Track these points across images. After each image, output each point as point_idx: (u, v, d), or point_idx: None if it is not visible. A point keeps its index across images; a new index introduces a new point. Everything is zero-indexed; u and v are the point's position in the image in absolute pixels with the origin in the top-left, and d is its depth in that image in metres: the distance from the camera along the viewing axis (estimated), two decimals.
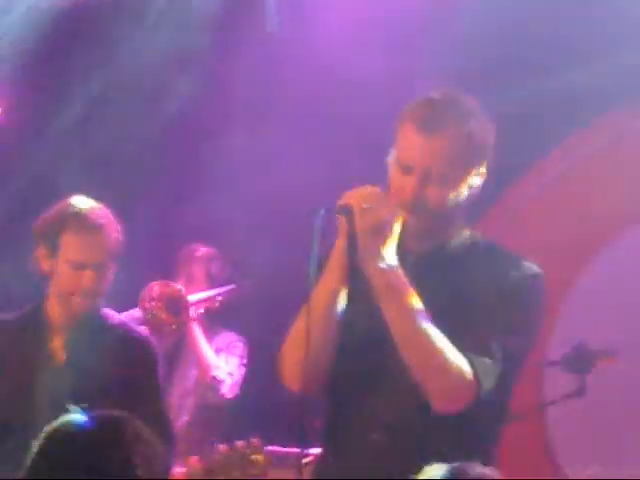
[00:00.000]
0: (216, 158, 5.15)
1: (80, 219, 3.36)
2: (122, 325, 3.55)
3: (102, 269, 3.37)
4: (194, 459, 3.14)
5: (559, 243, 4.84)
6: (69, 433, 1.98)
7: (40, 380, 3.42)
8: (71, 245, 3.35)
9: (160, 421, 3.38)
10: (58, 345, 3.46)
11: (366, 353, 2.80)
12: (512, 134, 3.15)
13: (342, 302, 2.73)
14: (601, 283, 4.97)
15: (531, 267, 2.82)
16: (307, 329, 2.64)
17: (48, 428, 2.02)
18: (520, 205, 5.19)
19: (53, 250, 3.36)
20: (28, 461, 2.01)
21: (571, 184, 5.18)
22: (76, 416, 2.01)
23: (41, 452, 2.01)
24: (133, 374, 3.44)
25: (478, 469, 2.08)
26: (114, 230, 3.40)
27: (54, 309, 3.42)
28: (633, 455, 4.74)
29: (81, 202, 3.41)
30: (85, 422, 2.00)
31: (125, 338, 3.49)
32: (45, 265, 3.39)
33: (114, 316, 3.54)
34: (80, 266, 3.34)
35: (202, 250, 4.97)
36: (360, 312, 2.76)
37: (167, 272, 4.93)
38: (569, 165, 5.15)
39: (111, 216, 3.44)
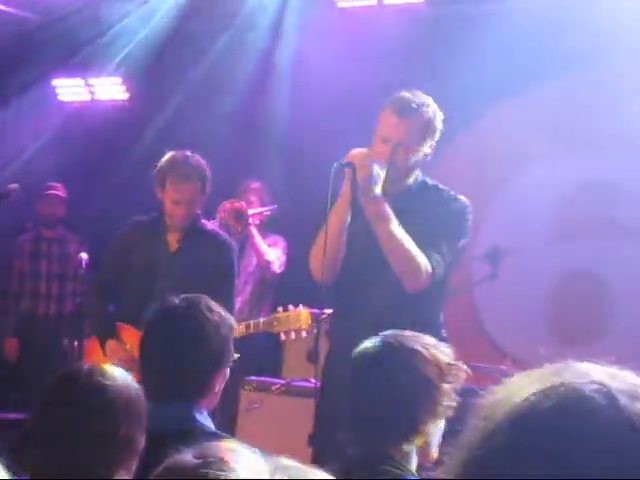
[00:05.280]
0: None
1: (175, 171, 3.80)
2: (212, 230, 4.04)
3: (191, 204, 3.85)
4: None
5: (482, 180, 5.31)
6: (167, 309, 2.28)
7: (160, 260, 3.93)
8: (170, 189, 3.85)
9: (229, 296, 3.81)
10: (173, 240, 3.94)
11: (362, 257, 3.06)
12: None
13: (348, 222, 3.02)
14: (506, 206, 5.56)
15: (462, 199, 3.11)
16: (326, 238, 2.94)
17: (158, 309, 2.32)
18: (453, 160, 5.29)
19: (162, 188, 3.87)
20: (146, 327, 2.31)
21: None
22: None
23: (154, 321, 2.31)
24: (219, 261, 3.91)
25: (412, 337, 1.98)
26: (199, 177, 3.80)
27: (167, 219, 3.92)
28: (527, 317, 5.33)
29: (178, 158, 3.80)
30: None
31: (215, 238, 3.97)
32: (159, 196, 3.91)
33: (207, 224, 4.06)
34: (176, 202, 3.85)
35: (255, 183, 5.65)
36: (359, 230, 3.03)
37: (234, 197, 5.42)
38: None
39: (200, 166, 3.78)
